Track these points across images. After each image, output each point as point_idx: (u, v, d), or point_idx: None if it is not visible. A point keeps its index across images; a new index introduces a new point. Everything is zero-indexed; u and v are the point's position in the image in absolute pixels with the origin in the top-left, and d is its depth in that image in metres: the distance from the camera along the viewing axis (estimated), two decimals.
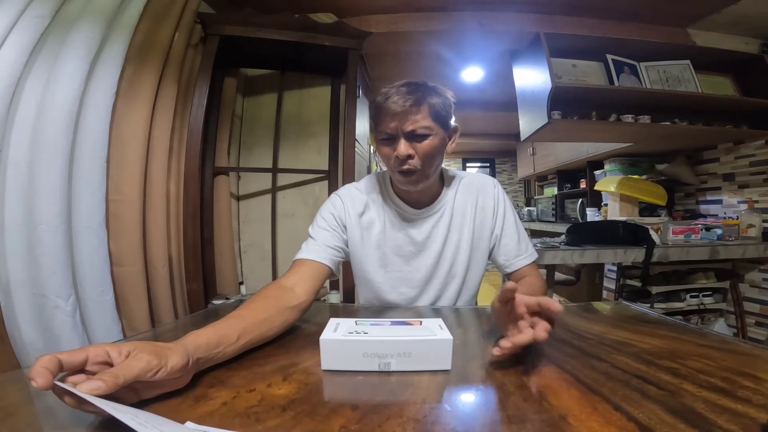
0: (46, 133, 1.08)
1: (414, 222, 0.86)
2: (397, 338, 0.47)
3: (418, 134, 0.73)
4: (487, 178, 0.92)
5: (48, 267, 1.09)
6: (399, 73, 2.57)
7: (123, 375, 0.33)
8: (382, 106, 0.73)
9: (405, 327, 0.51)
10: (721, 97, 2.05)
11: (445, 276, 0.87)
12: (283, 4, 1.70)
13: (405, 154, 0.73)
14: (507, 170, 5.79)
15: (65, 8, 1.14)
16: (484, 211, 0.87)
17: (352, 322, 0.53)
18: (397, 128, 0.73)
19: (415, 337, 0.47)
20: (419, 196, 0.85)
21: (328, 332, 0.49)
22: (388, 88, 0.75)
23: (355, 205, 0.86)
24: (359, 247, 0.86)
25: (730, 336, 1.07)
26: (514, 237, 0.87)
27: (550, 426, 0.33)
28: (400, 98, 0.71)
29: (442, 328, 0.50)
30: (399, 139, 0.73)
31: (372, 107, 0.77)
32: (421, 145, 0.74)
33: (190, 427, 0.32)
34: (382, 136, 0.75)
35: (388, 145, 0.75)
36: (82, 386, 0.31)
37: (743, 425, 0.33)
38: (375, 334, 0.48)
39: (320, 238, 0.81)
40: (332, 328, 0.51)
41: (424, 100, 0.72)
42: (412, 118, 0.72)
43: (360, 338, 0.47)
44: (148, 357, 0.36)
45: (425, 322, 0.53)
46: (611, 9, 1.94)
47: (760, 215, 1.94)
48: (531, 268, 0.86)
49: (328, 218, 0.85)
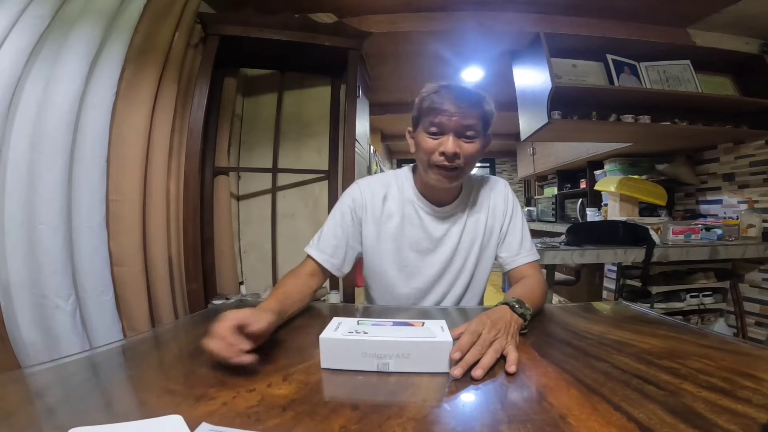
0: (46, 133, 1.08)
1: (432, 219, 0.87)
2: (396, 339, 0.47)
3: (467, 135, 0.75)
4: (499, 179, 0.94)
5: (48, 267, 1.09)
6: (399, 73, 2.57)
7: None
8: (437, 101, 0.74)
9: (406, 328, 0.51)
10: (721, 97, 2.05)
11: (456, 273, 0.88)
12: (283, 4, 1.70)
13: (453, 151, 0.74)
14: (507, 170, 5.79)
15: (65, 8, 1.14)
16: (495, 211, 0.89)
17: (353, 321, 0.53)
18: (449, 125, 0.74)
19: (414, 339, 0.47)
20: (444, 194, 0.86)
21: (329, 331, 0.49)
22: (441, 85, 0.76)
23: (375, 196, 0.87)
24: (374, 240, 0.87)
25: (730, 336, 1.07)
26: (518, 236, 0.88)
27: (550, 426, 0.33)
28: (459, 97, 0.74)
29: (444, 330, 0.50)
30: (448, 136, 0.75)
31: (424, 100, 0.77)
32: (468, 146, 0.76)
33: (206, 427, 0.32)
34: (431, 129, 0.76)
35: (433, 139, 0.76)
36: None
37: (743, 425, 0.33)
38: (375, 334, 0.48)
39: (329, 243, 0.85)
40: (333, 327, 0.51)
41: (479, 105, 0.75)
42: (467, 118, 0.74)
43: (359, 338, 0.47)
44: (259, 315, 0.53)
45: (427, 324, 0.53)
46: (611, 9, 1.94)
47: (760, 215, 1.94)
48: (531, 268, 0.86)
49: (345, 213, 0.87)
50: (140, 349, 0.59)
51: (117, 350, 0.58)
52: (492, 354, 0.48)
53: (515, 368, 0.46)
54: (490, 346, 0.49)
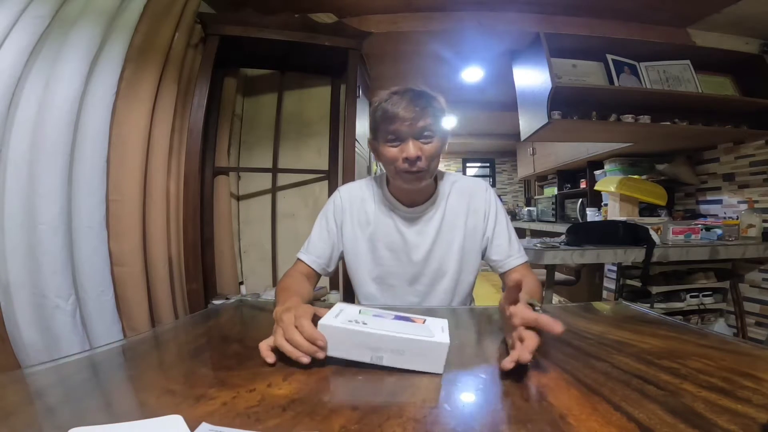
0: (46, 133, 1.08)
1: (406, 219, 0.90)
2: (392, 334, 0.46)
3: (425, 136, 0.78)
4: (480, 181, 0.96)
5: (48, 267, 1.09)
6: (399, 73, 2.57)
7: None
8: (390, 109, 0.77)
9: (406, 323, 0.51)
10: (721, 97, 2.05)
11: (434, 274, 0.89)
12: (283, 4, 1.70)
13: (415, 155, 0.77)
14: (507, 170, 5.79)
15: (65, 8, 1.14)
16: (476, 213, 0.91)
17: (356, 310, 0.53)
18: (405, 131, 0.77)
19: (410, 336, 0.46)
20: (416, 195, 0.89)
21: (329, 317, 0.49)
22: (391, 93, 0.79)
23: (353, 200, 0.93)
24: (353, 241, 0.91)
25: (730, 336, 1.07)
26: (506, 238, 0.90)
27: (550, 426, 0.33)
28: (409, 103, 0.77)
29: (444, 330, 0.49)
30: (407, 141, 0.78)
31: (377, 110, 0.80)
32: (427, 147, 0.79)
33: (206, 427, 0.32)
34: (389, 137, 0.79)
35: (393, 146, 0.80)
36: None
37: (743, 425, 0.33)
38: (373, 326, 0.48)
39: (316, 246, 0.92)
40: (334, 313, 0.51)
41: (429, 105, 0.78)
42: (420, 121, 0.77)
43: (356, 328, 0.47)
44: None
45: (428, 321, 0.52)
46: (611, 9, 1.94)
47: (760, 215, 1.94)
48: (525, 268, 0.88)
49: (329, 218, 0.93)
50: (140, 349, 0.59)
51: (117, 350, 0.58)
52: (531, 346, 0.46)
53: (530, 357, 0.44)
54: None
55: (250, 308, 0.90)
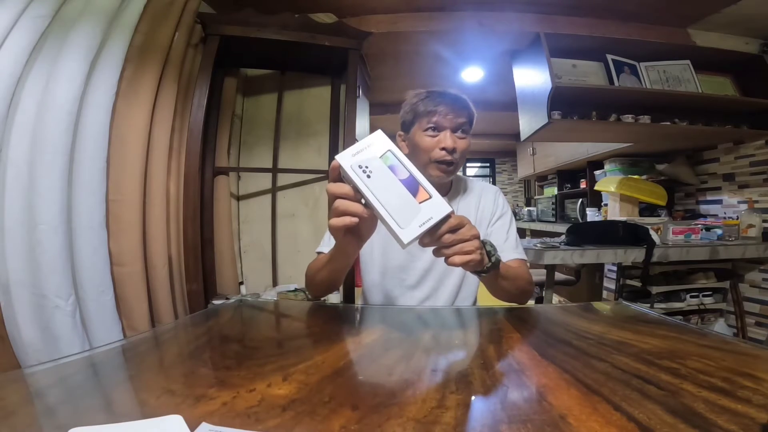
0: (46, 133, 1.08)
1: None
2: (374, 203, 0.50)
3: (462, 132, 0.85)
4: (492, 186, 1.01)
5: (48, 267, 1.09)
6: (399, 73, 2.57)
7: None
8: (433, 102, 0.83)
9: (403, 194, 0.51)
10: (721, 97, 2.05)
11: (443, 270, 0.90)
12: (283, 4, 1.70)
13: (453, 146, 0.83)
14: (507, 170, 5.79)
15: (65, 8, 1.14)
16: (483, 213, 0.93)
17: (382, 150, 0.52)
18: (445, 123, 0.83)
19: (384, 215, 0.50)
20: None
21: (346, 156, 0.51)
22: (429, 90, 0.85)
23: None
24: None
25: (730, 336, 1.07)
26: (503, 234, 0.92)
27: (550, 426, 0.33)
28: (451, 99, 0.83)
29: (424, 224, 0.51)
30: (445, 132, 0.83)
31: (418, 103, 0.85)
32: (462, 141, 0.85)
33: (206, 427, 0.32)
34: (429, 127, 0.84)
35: (431, 136, 0.84)
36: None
37: (743, 425, 0.33)
38: (369, 182, 0.50)
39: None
40: (355, 150, 0.52)
41: (467, 107, 0.86)
42: (460, 117, 0.84)
43: (354, 177, 0.50)
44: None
45: (428, 203, 0.52)
46: (611, 9, 1.94)
47: (760, 215, 1.94)
48: (519, 262, 0.88)
49: None
50: (140, 349, 0.59)
51: (117, 350, 0.58)
52: (474, 244, 0.57)
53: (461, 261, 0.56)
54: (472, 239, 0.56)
55: (250, 308, 0.90)
